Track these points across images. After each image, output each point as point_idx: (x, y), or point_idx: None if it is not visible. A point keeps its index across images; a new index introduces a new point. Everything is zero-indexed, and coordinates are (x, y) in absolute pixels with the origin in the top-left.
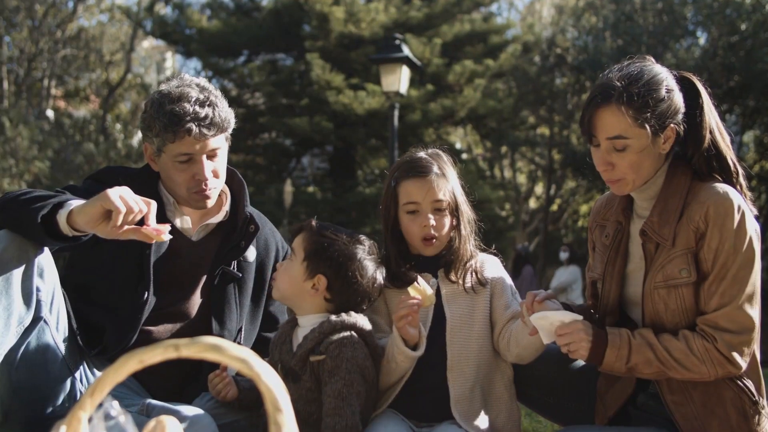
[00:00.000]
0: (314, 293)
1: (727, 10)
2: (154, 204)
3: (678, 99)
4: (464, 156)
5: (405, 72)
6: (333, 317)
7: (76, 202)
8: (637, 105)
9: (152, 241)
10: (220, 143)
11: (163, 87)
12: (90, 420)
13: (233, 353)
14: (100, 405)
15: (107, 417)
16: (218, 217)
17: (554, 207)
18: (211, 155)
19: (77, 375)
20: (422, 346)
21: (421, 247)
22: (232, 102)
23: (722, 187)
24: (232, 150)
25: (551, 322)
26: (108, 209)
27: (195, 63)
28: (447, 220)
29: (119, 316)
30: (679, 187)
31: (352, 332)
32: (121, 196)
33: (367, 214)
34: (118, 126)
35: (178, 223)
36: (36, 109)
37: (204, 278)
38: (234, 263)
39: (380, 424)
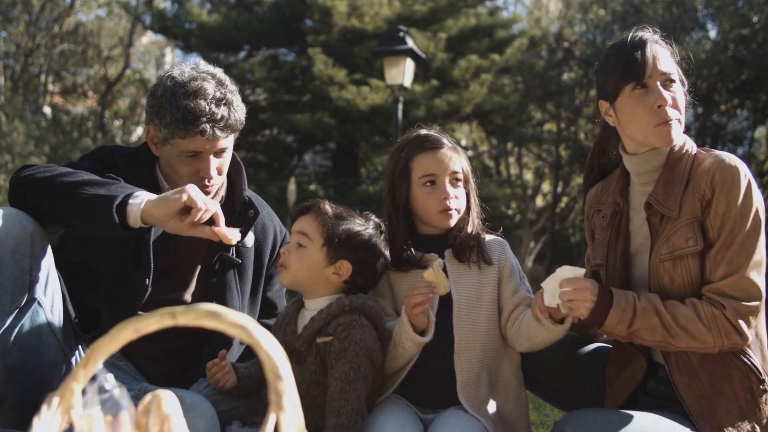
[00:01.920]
0: (336, 278)
1: (739, 2)
2: (219, 206)
3: None
4: (470, 153)
5: (409, 65)
6: (342, 298)
7: (147, 194)
8: (672, 51)
9: (218, 240)
10: (230, 143)
11: (176, 73)
12: (84, 393)
13: (232, 320)
14: (94, 379)
15: (101, 390)
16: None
17: (561, 205)
18: (219, 153)
19: (73, 359)
20: (431, 332)
21: (439, 221)
22: None
23: (727, 154)
24: (233, 147)
25: (557, 280)
26: (189, 205)
27: (195, 58)
28: (462, 193)
29: (116, 302)
30: (683, 159)
31: (361, 314)
32: (199, 194)
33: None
34: (117, 123)
35: None
36: (33, 105)
37: (200, 265)
38: (232, 249)
39: (385, 410)
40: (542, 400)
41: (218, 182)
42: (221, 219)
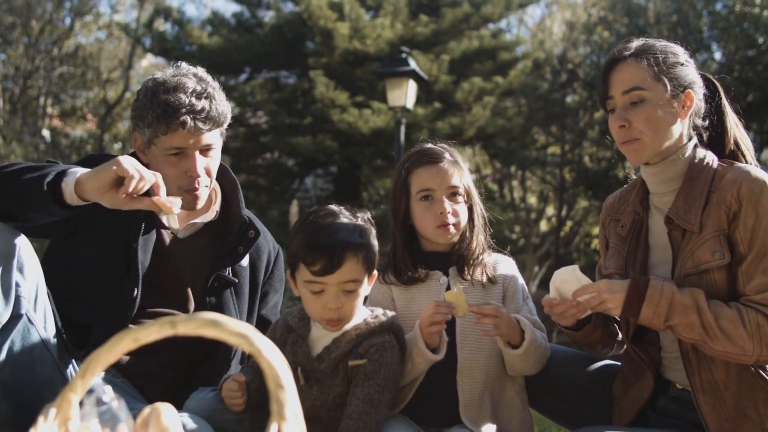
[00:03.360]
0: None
1: (745, 24)
2: (159, 175)
3: (695, 74)
4: (472, 177)
5: (412, 86)
6: (369, 318)
7: (81, 170)
8: (656, 59)
9: (160, 212)
10: (215, 139)
11: (158, 75)
12: (81, 405)
13: (233, 329)
14: (92, 391)
15: (99, 402)
16: (207, 216)
17: (566, 229)
18: (205, 151)
19: (68, 376)
20: (443, 351)
21: (436, 236)
22: (234, 121)
23: (751, 167)
24: (233, 170)
25: (554, 287)
26: (120, 176)
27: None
28: (462, 208)
29: (106, 314)
30: (703, 172)
31: (391, 333)
32: (132, 163)
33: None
34: (116, 146)
35: (164, 219)
36: (32, 127)
37: (193, 281)
38: (229, 269)
39: (389, 428)
40: (548, 422)
41: (207, 182)
42: (162, 188)
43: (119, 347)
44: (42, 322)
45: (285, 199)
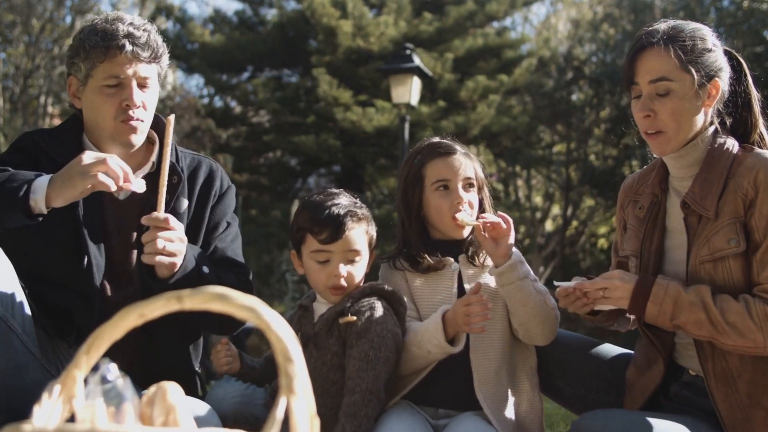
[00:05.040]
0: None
1: (752, 20)
2: (122, 162)
3: (723, 58)
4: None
5: (416, 83)
6: (362, 284)
7: (43, 182)
8: (684, 48)
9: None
10: (152, 73)
11: (95, 18)
12: (85, 384)
13: (240, 302)
14: (96, 369)
15: (104, 381)
16: (145, 169)
17: (571, 229)
18: (142, 84)
19: (58, 374)
20: (461, 343)
21: (451, 227)
22: (236, 120)
23: None
24: (236, 169)
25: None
26: (98, 189)
27: (197, 79)
28: (476, 198)
29: (75, 290)
30: (722, 157)
31: (382, 298)
32: (107, 172)
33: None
34: None
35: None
36: (32, 127)
37: (135, 232)
38: None
39: (395, 415)
40: (555, 417)
41: (145, 119)
42: (129, 173)
43: (124, 323)
44: (21, 327)
45: (288, 199)
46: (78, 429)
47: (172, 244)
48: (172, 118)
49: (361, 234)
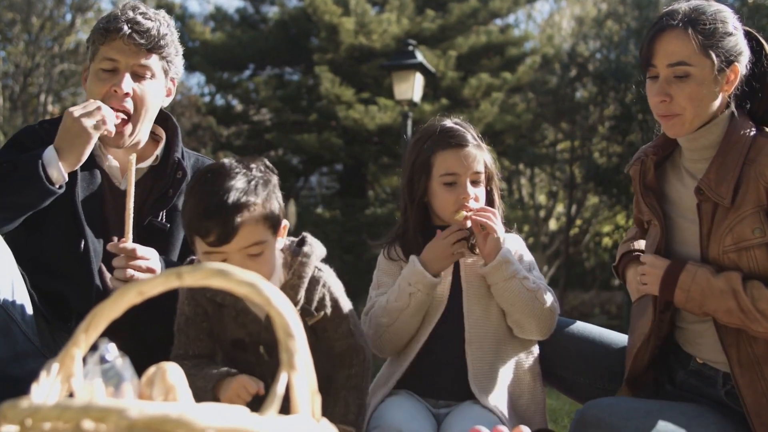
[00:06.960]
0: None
1: (757, 16)
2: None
3: (743, 41)
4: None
5: (419, 79)
6: (304, 274)
7: (51, 152)
8: (705, 31)
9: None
10: (152, 64)
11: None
12: (84, 363)
13: (240, 278)
14: (95, 349)
15: (102, 360)
16: (147, 162)
17: (575, 229)
18: (139, 74)
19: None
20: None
21: (453, 219)
22: (237, 118)
23: None
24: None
25: None
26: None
27: (198, 77)
28: (482, 193)
29: (73, 275)
30: (739, 142)
31: (317, 268)
32: (95, 125)
33: (378, 236)
34: None
35: (105, 165)
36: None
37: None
38: (162, 213)
39: (396, 402)
40: (559, 411)
41: (131, 108)
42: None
43: (123, 300)
44: (20, 316)
45: (289, 198)
46: (75, 404)
47: (142, 274)
48: (133, 158)
49: (258, 225)
